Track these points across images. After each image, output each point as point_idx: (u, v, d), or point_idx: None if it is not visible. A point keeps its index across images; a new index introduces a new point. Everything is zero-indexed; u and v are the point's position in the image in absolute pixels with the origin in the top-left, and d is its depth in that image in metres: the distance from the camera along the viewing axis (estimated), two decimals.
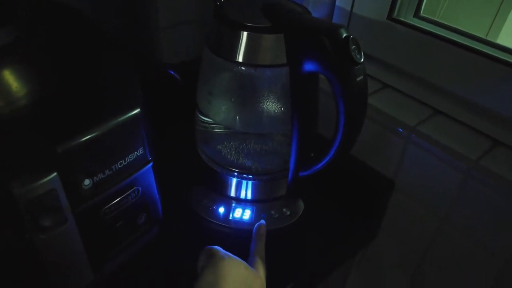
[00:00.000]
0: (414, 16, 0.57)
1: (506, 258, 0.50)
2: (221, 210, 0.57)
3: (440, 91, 0.55)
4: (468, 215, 0.52)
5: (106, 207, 0.39)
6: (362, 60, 0.40)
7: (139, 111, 0.38)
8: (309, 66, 0.42)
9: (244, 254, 0.55)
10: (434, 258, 0.59)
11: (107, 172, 0.37)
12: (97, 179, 0.37)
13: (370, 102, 0.56)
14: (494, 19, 0.65)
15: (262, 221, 0.54)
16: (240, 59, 0.45)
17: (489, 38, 0.53)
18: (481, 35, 0.53)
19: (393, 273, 0.67)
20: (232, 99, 0.51)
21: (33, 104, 0.37)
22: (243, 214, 0.56)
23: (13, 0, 0.43)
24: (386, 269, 0.68)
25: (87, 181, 0.36)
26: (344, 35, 0.39)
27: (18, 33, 0.40)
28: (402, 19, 0.57)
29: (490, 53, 0.50)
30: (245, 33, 0.44)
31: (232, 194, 0.57)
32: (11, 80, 0.38)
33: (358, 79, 0.41)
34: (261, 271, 0.46)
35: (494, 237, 0.50)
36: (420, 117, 0.55)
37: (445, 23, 0.55)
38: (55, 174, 0.33)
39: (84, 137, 0.34)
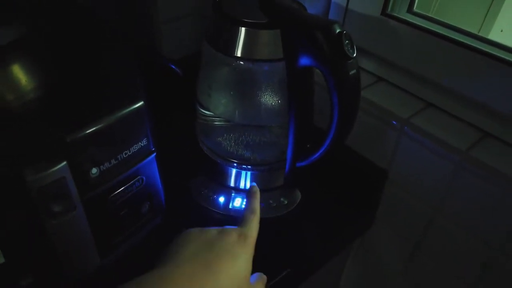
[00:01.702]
0: (407, 12, 0.59)
1: (498, 246, 0.52)
2: (221, 199, 0.59)
3: (432, 85, 0.57)
4: (460, 205, 0.54)
5: (112, 195, 0.41)
6: (355, 54, 0.42)
7: (143, 104, 0.40)
8: (304, 61, 0.44)
9: None
10: (428, 247, 0.61)
11: (113, 161, 0.39)
12: (104, 168, 0.39)
13: (365, 95, 0.58)
14: (486, 15, 0.67)
15: (253, 183, 0.54)
16: (239, 53, 0.47)
17: (481, 34, 0.54)
18: (474, 30, 0.54)
19: (388, 262, 0.69)
20: (231, 93, 0.53)
21: (42, 97, 0.39)
22: (242, 203, 0.58)
23: None
24: (381, 258, 0.70)
25: (94, 170, 0.38)
26: (338, 30, 0.41)
27: (25, 29, 0.42)
28: (395, 14, 0.58)
29: (482, 48, 0.51)
30: (243, 29, 0.46)
31: (232, 184, 0.59)
32: (21, 75, 0.40)
33: (351, 72, 0.42)
34: (253, 228, 0.44)
35: (486, 226, 0.52)
36: (413, 110, 0.56)
37: (438, 18, 0.56)
38: (64, 163, 0.35)
39: (92, 128, 0.36)
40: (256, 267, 0.54)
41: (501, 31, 0.66)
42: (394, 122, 0.56)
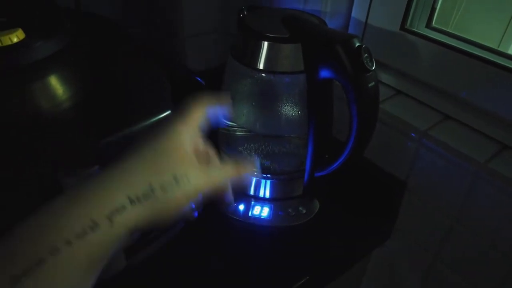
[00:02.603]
0: (426, 27, 0.60)
1: None
2: (241, 207, 0.60)
3: (450, 98, 0.57)
4: (478, 217, 0.54)
5: None
6: (373, 67, 0.44)
7: (170, 113, 0.42)
8: (324, 73, 0.46)
9: (263, 249, 0.58)
10: (446, 258, 0.61)
11: None
12: None
13: (384, 108, 0.59)
14: (506, 30, 0.67)
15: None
16: (261, 66, 0.49)
17: (501, 48, 0.55)
18: (493, 45, 0.55)
19: (407, 273, 0.69)
20: (253, 104, 0.55)
21: (77, 105, 0.42)
22: (261, 211, 0.59)
23: (59, 14, 0.48)
24: (400, 268, 0.70)
25: None
26: (357, 44, 0.43)
27: (64, 43, 0.44)
28: (414, 29, 0.59)
29: (501, 63, 0.52)
30: (265, 43, 0.48)
31: (252, 192, 0.60)
32: (58, 85, 0.43)
33: (370, 85, 0.44)
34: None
35: (505, 238, 0.52)
36: (431, 122, 0.57)
37: (457, 33, 0.57)
38: (97, 167, 0.38)
39: (123, 134, 0.39)
40: (274, 274, 0.55)
41: None
42: (412, 134, 0.57)
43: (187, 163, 0.30)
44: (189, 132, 0.32)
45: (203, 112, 0.33)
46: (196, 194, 0.30)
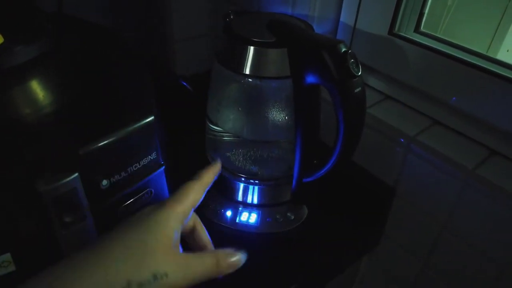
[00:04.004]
0: (414, 32, 0.60)
1: (504, 264, 0.52)
2: (229, 213, 0.59)
3: (439, 103, 0.57)
4: (467, 222, 0.54)
5: (121, 206, 0.42)
6: (360, 73, 0.43)
7: (153, 119, 0.42)
8: (310, 78, 0.45)
9: (251, 256, 0.57)
10: (436, 263, 0.61)
11: (123, 173, 0.40)
12: (114, 180, 0.40)
13: (372, 113, 0.59)
14: (494, 35, 0.67)
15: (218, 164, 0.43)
16: (247, 71, 0.48)
17: (489, 53, 0.55)
18: (482, 50, 0.55)
19: (396, 278, 0.69)
20: (240, 109, 0.54)
21: (57, 111, 0.41)
22: (249, 217, 0.59)
23: (41, 18, 0.47)
24: (390, 274, 0.70)
25: (105, 182, 0.39)
26: (343, 49, 0.42)
27: (46, 47, 0.44)
28: (403, 34, 0.59)
29: (489, 68, 0.51)
30: (251, 48, 0.47)
31: (239, 198, 0.60)
32: (38, 90, 0.42)
33: (356, 90, 0.43)
34: (185, 193, 0.36)
35: (492, 244, 0.52)
36: (420, 127, 0.57)
37: (446, 38, 0.57)
38: (76, 174, 0.37)
39: (103, 141, 0.38)
40: (262, 282, 0.54)
41: (507, 51, 0.67)
42: (401, 140, 0.57)
43: (170, 259, 0.31)
44: (176, 222, 0.33)
45: (201, 194, 0.36)
46: None
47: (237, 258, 0.36)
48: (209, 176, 0.39)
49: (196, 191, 0.36)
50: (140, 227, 0.31)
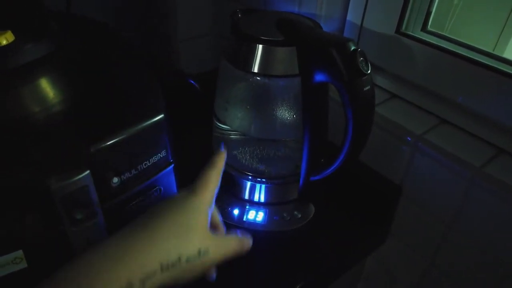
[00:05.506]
0: (421, 30, 0.60)
1: (510, 264, 0.51)
2: (236, 212, 0.60)
3: (446, 101, 0.57)
4: (473, 221, 0.54)
5: (131, 204, 0.43)
6: (369, 71, 0.43)
7: (162, 117, 0.42)
8: (319, 77, 0.45)
9: (257, 254, 0.58)
10: (442, 263, 0.60)
11: (133, 171, 0.41)
12: (124, 177, 0.40)
13: (379, 111, 0.59)
14: (501, 34, 0.67)
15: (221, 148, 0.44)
16: (256, 70, 0.48)
17: (496, 52, 0.55)
18: (489, 49, 0.55)
19: (402, 277, 0.69)
20: (248, 107, 0.54)
21: (67, 109, 0.41)
22: (256, 216, 0.59)
23: (50, 17, 0.47)
24: (395, 273, 0.70)
25: (115, 179, 0.39)
26: (352, 48, 0.42)
27: (54, 46, 0.44)
28: (410, 33, 0.59)
29: (497, 66, 0.51)
30: (260, 46, 0.47)
31: (246, 197, 0.60)
32: (48, 88, 0.42)
33: (365, 88, 0.43)
34: (206, 179, 0.39)
35: (500, 243, 0.52)
36: (427, 126, 0.57)
37: (452, 37, 0.57)
38: (87, 172, 0.37)
39: (114, 139, 0.38)
40: (269, 280, 0.54)
41: None
42: (408, 138, 0.57)
43: (208, 239, 0.35)
44: (208, 206, 0.37)
45: (219, 178, 0.40)
46: (212, 264, 0.36)
47: (251, 241, 0.41)
48: (221, 162, 0.42)
49: (215, 178, 0.40)
50: (181, 211, 0.35)
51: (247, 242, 0.41)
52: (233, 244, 0.39)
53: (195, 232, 0.34)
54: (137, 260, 0.30)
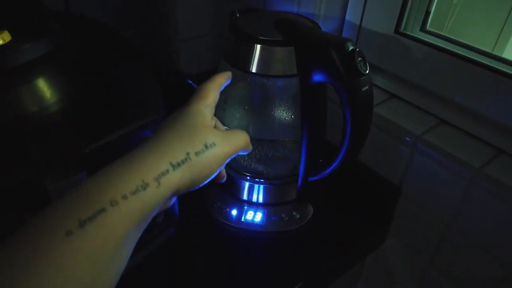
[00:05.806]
0: (420, 30, 0.60)
1: (510, 264, 0.51)
2: (234, 212, 0.59)
3: (445, 102, 0.57)
4: (473, 222, 0.54)
5: None
6: (367, 71, 0.43)
7: (159, 116, 0.42)
8: (317, 77, 0.45)
9: (256, 254, 0.58)
10: (441, 263, 0.60)
11: None
12: None
13: (378, 112, 0.59)
14: (500, 33, 0.67)
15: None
16: (254, 69, 0.48)
17: (495, 52, 0.55)
18: (488, 49, 0.55)
19: (401, 278, 0.69)
20: (246, 107, 0.54)
21: (65, 109, 0.41)
22: (254, 216, 0.59)
23: (47, 16, 0.47)
24: (394, 273, 0.70)
25: None
26: (351, 48, 0.42)
27: (52, 45, 0.44)
28: (409, 33, 0.59)
29: (496, 66, 0.51)
30: (258, 46, 0.47)
31: (245, 197, 0.60)
32: (45, 88, 0.42)
33: (364, 89, 0.43)
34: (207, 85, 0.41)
35: (499, 244, 0.52)
36: (426, 126, 0.57)
37: (451, 37, 0.57)
38: (84, 172, 0.37)
39: (110, 139, 0.38)
40: (268, 280, 0.54)
41: None
42: (407, 139, 0.56)
43: (213, 134, 0.36)
44: (209, 111, 0.38)
45: (217, 92, 0.41)
46: (224, 157, 0.36)
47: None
48: (221, 78, 0.43)
49: (214, 90, 0.40)
50: (186, 115, 0.37)
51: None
52: (240, 135, 0.39)
53: (199, 129, 0.36)
54: (147, 162, 0.31)
